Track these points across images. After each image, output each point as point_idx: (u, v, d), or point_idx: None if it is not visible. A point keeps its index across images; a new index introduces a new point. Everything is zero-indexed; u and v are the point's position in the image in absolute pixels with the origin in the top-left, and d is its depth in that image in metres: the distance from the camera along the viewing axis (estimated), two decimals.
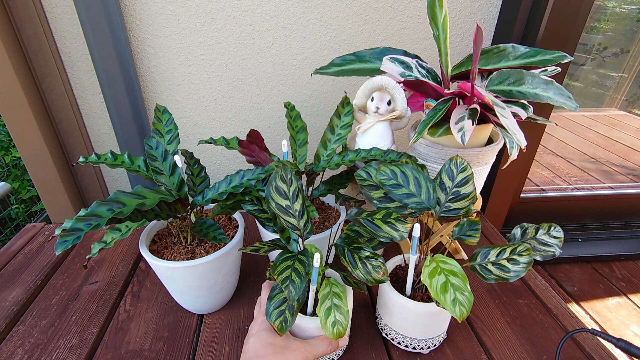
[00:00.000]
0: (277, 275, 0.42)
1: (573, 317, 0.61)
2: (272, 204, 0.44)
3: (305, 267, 0.43)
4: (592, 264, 1.13)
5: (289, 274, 0.42)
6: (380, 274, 0.45)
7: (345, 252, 0.48)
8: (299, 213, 0.45)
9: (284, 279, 0.41)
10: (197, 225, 0.53)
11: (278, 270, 0.43)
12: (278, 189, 0.44)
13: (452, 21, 0.81)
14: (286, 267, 0.43)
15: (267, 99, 0.85)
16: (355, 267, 0.46)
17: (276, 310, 0.44)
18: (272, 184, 0.44)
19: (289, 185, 0.44)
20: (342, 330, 0.44)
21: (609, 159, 1.66)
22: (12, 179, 1.47)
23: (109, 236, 0.51)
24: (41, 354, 0.54)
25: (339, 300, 0.45)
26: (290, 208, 0.44)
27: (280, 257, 0.45)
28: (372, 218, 0.46)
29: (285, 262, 0.44)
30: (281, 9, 0.75)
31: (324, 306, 0.45)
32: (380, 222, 0.45)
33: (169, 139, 0.59)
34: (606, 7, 1.45)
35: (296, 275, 0.42)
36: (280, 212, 0.44)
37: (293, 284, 0.41)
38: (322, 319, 0.44)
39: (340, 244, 0.49)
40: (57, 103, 0.78)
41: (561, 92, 0.49)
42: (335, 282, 0.47)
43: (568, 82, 1.59)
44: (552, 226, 0.49)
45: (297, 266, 0.43)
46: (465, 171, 0.47)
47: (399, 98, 0.58)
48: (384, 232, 0.44)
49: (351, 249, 0.48)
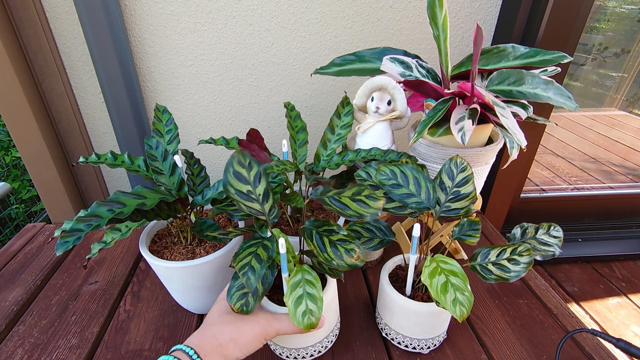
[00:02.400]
0: (236, 263, 0.39)
1: (573, 317, 0.61)
2: (231, 190, 0.40)
3: (268, 253, 0.41)
4: (592, 264, 1.13)
5: (248, 260, 0.39)
6: (354, 257, 0.41)
7: (313, 235, 0.43)
8: (262, 197, 0.41)
9: (243, 265, 0.39)
10: (197, 225, 0.53)
11: (239, 257, 0.40)
12: (237, 174, 0.40)
13: (452, 21, 0.81)
14: (248, 254, 0.40)
15: (267, 99, 0.85)
16: (324, 250, 0.42)
17: (238, 292, 0.42)
18: (230, 169, 0.40)
19: (248, 170, 0.40)
20: (314, 321, 0.41)
21: (609, 159, 1.67)
22: (12, 179, 1.47)
23: (109, 236, 0.50)
24: (41, 354, 0.54)
25: (312, 288, 0.42)
26: (252, 193, 0.40)
27: (244, 244, 0.42)
28: (339, 196, 0.41)
29: (249, 248, 0.41)
30: (281, 9, 0.75)
31: (294, 295, 0.42)
32: (347, 200, 0.41)
33: (169, 138, 0.59)
34: (606, 7, 1.45)
35: (256, 261, 0.39)
36: (241, 198, 0.40)
37: (252, 270, 0.39)
38: (290, 309, 0.41)
39: (308, 227, 0.45)
40: (57, 103, 0.78)
41: (561, 92, 0.49)
42: (308, 269, 0.44)
43: (568, 82, 1.59)
44: (551, 226, 0.49)
45: (259, 252, 0.40)
46: (465, 171, 0.47)
47: (399, 98, 0.58)
48: (352, 211, 0.40)
49: (320, 231, 0.44)
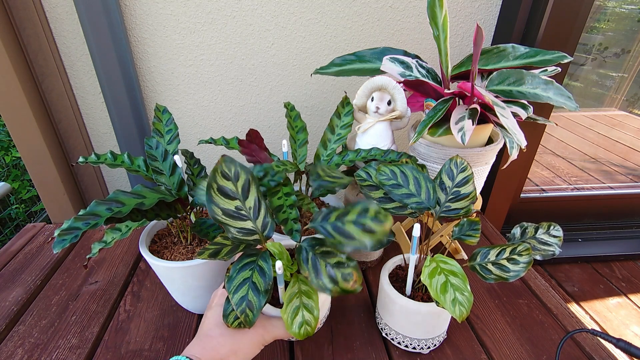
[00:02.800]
0: (231, 294, 0.36)
1: (573, 317, 0.61)
2: (218, 212, 0.33)
3: (266, 280, 0.38)
4: (592, 264, 1.13)
5: (244, 293, 0.36)
6: (350, 283, 0.36)
7: (309, 259, 0.38)
8: (253, 210, 0.35)
9: (239, 300, 0.35)
10: (197, 225, 0.53)
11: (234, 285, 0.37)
12: (222, 189, 0.34)
13: (452, 21, 0.81)
14: (242, 281, 0.37)
15: (267, 99, 0.85)
16: (318, 277, 0.37)
17: (235, 314, 0.39)
18: (213, 185, 0.33)
19: (235, 181, 0.34)
20: (310, 331, 0.39)
21: (609, 159, 1.66)
22: (12, 179, 1.47)
23: (109, 236, 0.51)
24: (41, 354, 0.54)
25: (308, 300, 0.40)
26: (241, 209, 0.35)
27: (237, 265, 0.39)
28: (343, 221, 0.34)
29: (243, 272, 0.38)
30: (281, 9, 0.75)
31: (290, 306, 0.39)
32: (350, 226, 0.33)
33: (169, 138, 0.59)
34: (606, 7, 1.45)
35: (254, 294, 0.36)
36: (230, 219, 0.34)
37: (250, 305, 0.36)
38: (287, 321, 0.39)
39: (305, 247, 0.40)
40: (57, 103, 0.78)
41: (561, 92, 0.49)
42: (304, 280, 0.42)
43: (568, 82, 1.60)
44: (551, 225, 0.49)
45: (255, 279, 0.37)
46: (465, 171, 0.47)
47: (399, 98, 0.58)
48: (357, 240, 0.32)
49: (317, 253, 0.38)
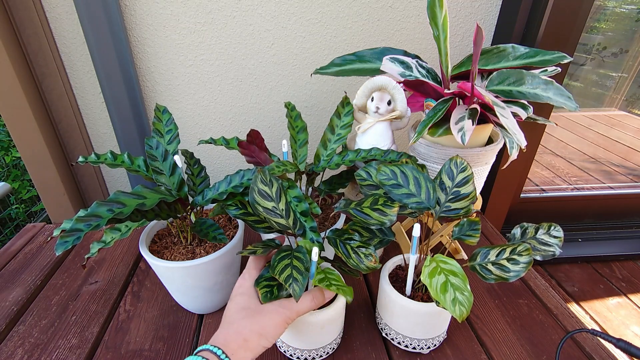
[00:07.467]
0: (278, 275, 0.42)
1: (573, 317, 0.61)
2: (259, 208, 0.44)
3: (304, 264, 0.44)
4: (592, 264, 1.13)
5: (290, 273, 0.43)
6: (372, 261, 0.47)
7: (338, 244, 0.49)
8: (284, 212, 0.46)
9: (286, 277, 0.42)
10: (197, 225, 0.53)
11: (277, 268, 0.43)
12: (261, 192, 0.45)
13: (452, 21, 0.81)
14: (285, 266, 0.44)
15: (267, 99, 0.85)
16: (349, 257, 0.48)
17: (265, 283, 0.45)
18: (255, 188, 0.45)
19: (270, 187, 0.45)
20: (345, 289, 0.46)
21: (609, 159, 1.67)
22: (12, 179, 1.47)
23: (108, 236, 0.51)
24: (41, 354, 0.54)
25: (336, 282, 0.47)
26: (276, 209, 0.45)
27: (276, 256, 0.45)
28: (360, 207, 0.47)
29: (283, 260, 0.45)
30: (281, 9, 0.75)
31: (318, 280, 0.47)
32: (369, 210, 0.47)
33: (169, 138, 0.59)
34: (606, 7, 1.45)
35: (297, 273, 0.43)
36: (269, 215, 0.45)
37: (296, 281, 0.42)
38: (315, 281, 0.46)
39: (332, 237, 0.50)
40: (57, 103, 0.78)
41: (561, 92, 0.49)
42: (329, 270, 0.48)
43: (568, 82, 1.60)
44: (552, 226, 0.49)
45: (295, 264, 0.44)
46: (465, 171, 0.47)
47: (399, 98, 0.58)
48: (374, 220, 0.46)
49: (342, 240, 0.50)
